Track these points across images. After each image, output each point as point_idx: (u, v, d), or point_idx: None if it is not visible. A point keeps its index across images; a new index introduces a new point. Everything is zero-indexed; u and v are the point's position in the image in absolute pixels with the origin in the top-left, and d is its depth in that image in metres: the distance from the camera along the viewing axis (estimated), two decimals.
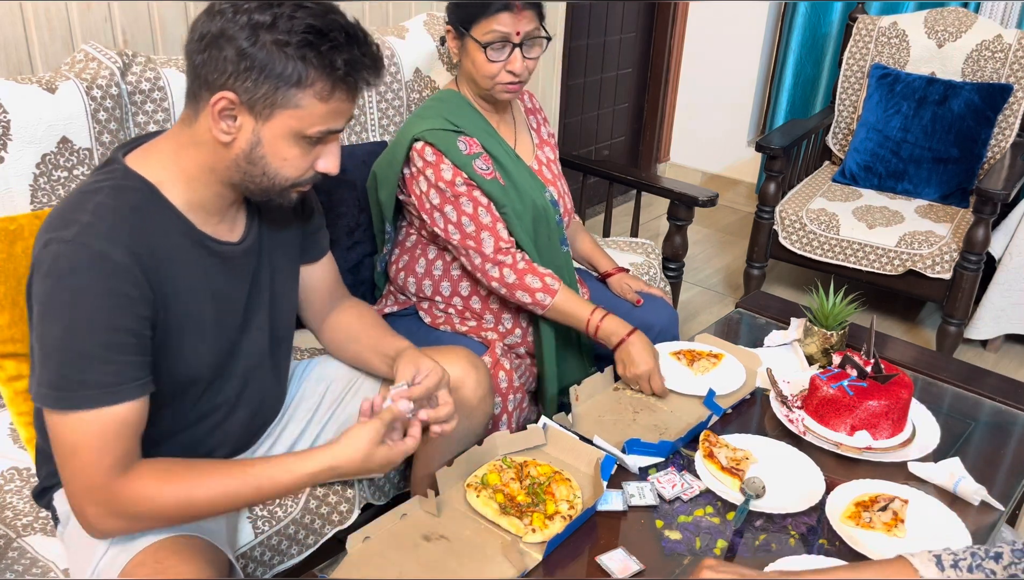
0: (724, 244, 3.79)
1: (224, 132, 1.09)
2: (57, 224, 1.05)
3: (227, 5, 1.06)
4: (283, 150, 1.11)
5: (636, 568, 1.25)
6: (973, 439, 1.62)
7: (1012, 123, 3.03)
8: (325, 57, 1.06)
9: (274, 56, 1.04)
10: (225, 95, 1.06)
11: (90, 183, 1.11)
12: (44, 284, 1.04)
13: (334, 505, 1.55)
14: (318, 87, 1.07)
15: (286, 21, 1.04)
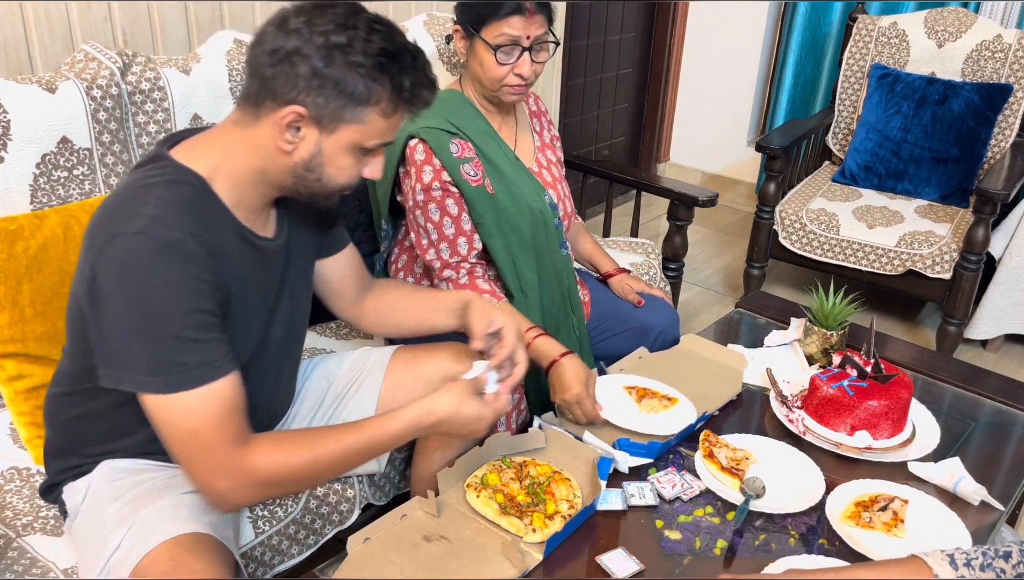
0: (724, 244, 3.79)
1: (287, 142, 1.14)
2: (118, 220, 1.07)
3: (302, 24, 1.10)
4: (340, 160, 1.17)
5: (636, 568, 1.25)
6: (973, 439, 1.62)
7: (1012, 123, 3.03)
8: (396, 79, 1.12)
9: (347, 76, 1.09)
10: (295, 109, 1.11)
11: (140, 179, 1.13)
12: (119, 277, 1.05)
13: (334, 505, 1.55)
14: (383, 105, 1.13)
15: (361, 43, 1.10)
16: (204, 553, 1.14)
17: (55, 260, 1.47)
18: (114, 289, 1.06)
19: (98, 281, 1.07)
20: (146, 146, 1.72)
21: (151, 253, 1.05)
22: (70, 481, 1.27)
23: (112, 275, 1.06)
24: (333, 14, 1.11)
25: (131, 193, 1.11)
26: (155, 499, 1.20)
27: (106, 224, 1.09)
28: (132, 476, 1.25)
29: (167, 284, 1.06)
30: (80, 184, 1.61)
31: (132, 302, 1.05)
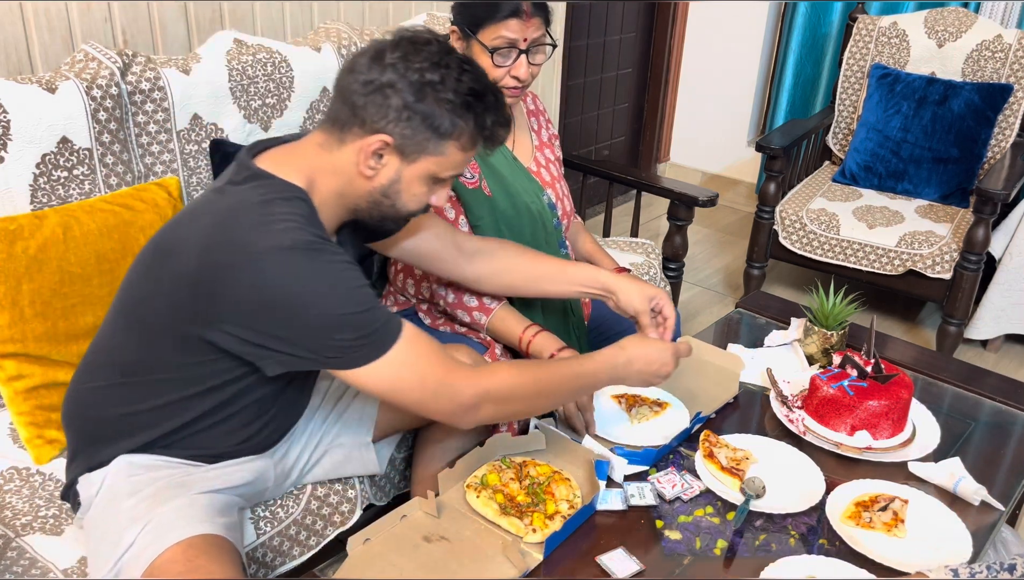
0: (724, 244, 3.79)
1: (370, 167, 1.20)
2: (256, 236, 1.11)
3: (398, 59, 1.17)
4: (415, 188, 1.24)
5: (636, 568, 1.25)
6: (973, 439, 1.62)
7: (1012, 123, 3.03)
8: (480, 117, 1.21)
9: (436, 110, 1.17)
10: (382, 137, 1.18)
11: (250, 195, 1.17)
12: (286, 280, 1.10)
13: (335, 506, 1.55)
14: (464, 140, 1.21)
15: (453, 82, 1.18)
16: (218, 555, 1.15)
17: (55, 260, 1.47)
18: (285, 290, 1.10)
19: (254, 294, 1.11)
20: (146, 146, 1.73)
21: (313, 253, 1.12)
22: (86, 472, 1.28)
23: (285, 281, 1.10)
24: (428, 52, 1.18)
25: (253, 209, 1.15)
26: (171, 498, 1.21)
27: (240, 241, 1.12)
28: (148, 472, 1.25)
29: (334, 267, 1.14)
30: (80, 184, 1.61)
31: (315, 295, 1.11)
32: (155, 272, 1.21)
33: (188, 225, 1.20)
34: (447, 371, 1.20)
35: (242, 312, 1.13)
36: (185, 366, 1.21)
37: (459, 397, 1.21)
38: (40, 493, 1.43)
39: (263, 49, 1.89)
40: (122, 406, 1.25)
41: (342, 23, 2.11)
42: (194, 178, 1.82)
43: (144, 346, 1.22)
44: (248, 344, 1.15)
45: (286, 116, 1.94)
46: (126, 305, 1.26)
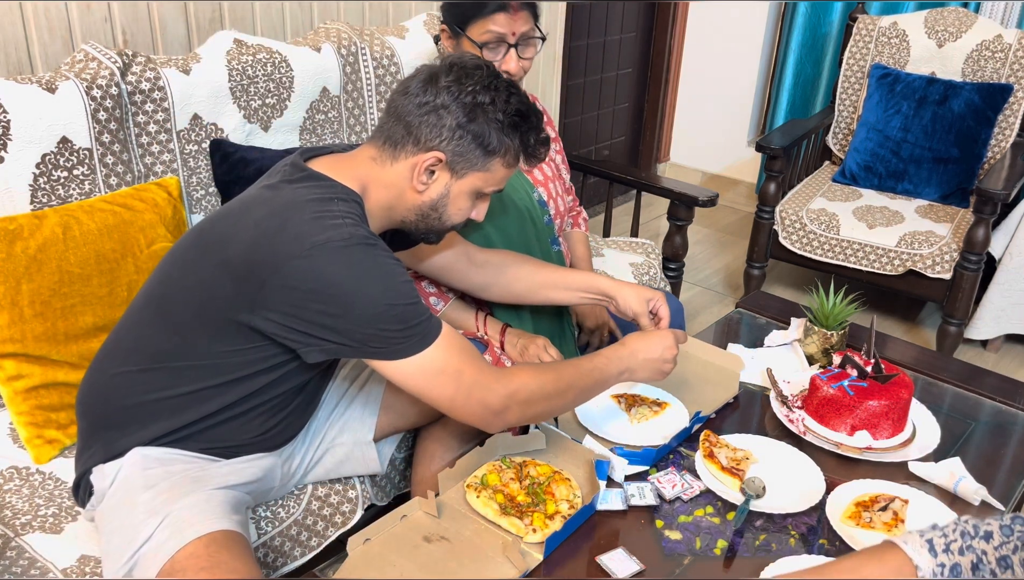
0: (724, 244, 3.79)
1: (421, 183, 1.29)
2: (316, 228, 1.17)
3: (452, 82, 1.26)
4: (461, 202, 1.33)
5: (636, 568, 1.25)
6: (973, 439, 1.62)
7: (1012, 123, 3.03)
8: (525, 136, 1.31)
9: (486, 130, 1.27)
10: (436, 154, 1.26)
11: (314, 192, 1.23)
12: (342, 273, 1.16)
13: (336, 506, 1.55)
14: (509, 157, 1.31)
15: (502, 103, 1.27)
16: (239, 551, 1.16)
17: (54, 260, 1.47)
18: (339, 285, 1.15)
19: (304, 285, 1.15)
20: (146, 146, 1.73)
21: (367, 248, 1.18)
22: (100, 463, 1.28)
23: (337, 275, 1.15)
24: (479, 76, 1.27)
25: (311, 205, 1.20)
26: (188, 492, 1.22)
27: (297, 232, 1.16)
28: (163, 466, 1.25)
29: (385, 262, 1.20)
30: (80, 184, 1.61)
31: (369, 289, 1.16)
32: (196, 260, 1.25)
33: (238, 216, 1.23)
34: (480, 372, 1.25)
35: (293, 299, 1.16)
36: (219, 354, 1.24)
37: (489, 399, 1.25)
38: (40, 492, 1.43)
39: (263, 49, 1.89)
40: (148, 392, 1.27)
41: (342, 23, 2.11)
42: (194, 178, 1.82)
43: (177, 334, 1.25)
44: (294, 330, 1.19)
45: (286, 116, 1.94)
46: (158, 294, 1.29)
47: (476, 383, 1.24)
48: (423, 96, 1.26)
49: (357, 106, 2.10)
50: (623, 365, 1.43)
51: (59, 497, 1.42)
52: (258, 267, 1.17)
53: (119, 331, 1.34)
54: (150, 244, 1.60)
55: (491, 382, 1.25)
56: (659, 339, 1.47)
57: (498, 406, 1.26)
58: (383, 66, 2.12)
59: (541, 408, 1.33)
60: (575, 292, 1.64)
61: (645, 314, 1.58)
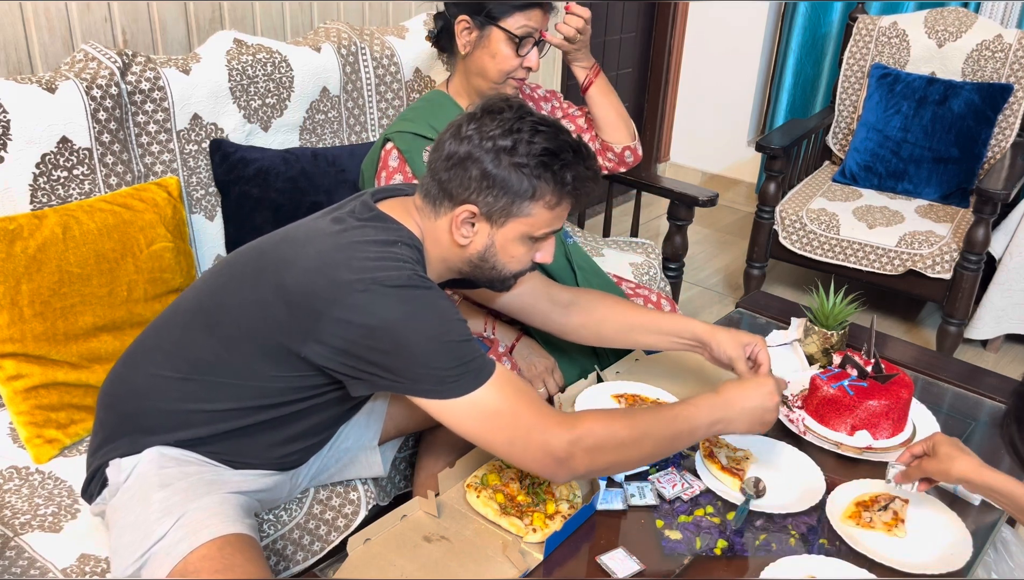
0: (724, 244, 3.79)
1: (463, 237, 1.26)
2: (374, 267, 1.16)
3: (473, 131, 1.23)
4: (512, 250, 1.28)
5: (636, 568, 1.25)
6: (973, 439, 1.62)
7: (1012, 123, 3.03)
8: (557, 175, 1.23)
9: (513, 175, 1.22)
10: (468, 208, 1.23)
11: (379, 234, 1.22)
12: (404, 309, 1.15)
13: (338, 508, 1.55)
14: (548, 199, 1.24)
15: (525, 145, 1.21)
16: (254, 555, 1.17)
17: (54, 260, 1.47)
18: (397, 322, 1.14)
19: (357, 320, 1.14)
20: (146, 146, 1.73)
21: (418, 284, 1.18)
22: (117, 458, 1.27)
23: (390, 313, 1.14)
24: (501, 120, 1.22)
25: (377, 247, 1.20)
26: (204, 494, 1.22)
27: (360, 268, 1.16)
28: (180, 467, 1.25)
29: (440, 300, 1.19)
30: (80, 184, 1.61)
31: (423, 324, 1.15)
32: (253, 279, 1.24)
33: (302, 244, 1.22)
34: (540, 415, 1.18)
35: (347, 333, 1.15)
36: (263, 376, 1.23)
37: (551, 445, 1.17)
38: (39, 492, 1.43)
39: (263, 49, 1.89)
40: (184, 401, 1.26)
41: (342, 23, 2.11)
42: (194, 178, 1.82)
43: (224, 349, 1.24)
44: (344, 364, 1.18)
45: (286, 116, 1.94)
46: (209, 304, 1.27)
47: (536, 426, 1.17)
48: (449, 148, 1.24)
49: (357, 106, 2.10)
50: (716, 415, 1.30)
51: (59, 496, 1.42)
52: (315, 298, 1.16)
53: (160, 330, 1.32)
54: (150, 244, 1.60)
55: (553, 426, 1.18)
56: (757, 386, 1.34)
57: (562, 452, 1.17)
58: (383, 66, 2.12)
59: (612, 458, 1.22)
60: (666, 336, 1.55)
61: (742, 359, 1.47)
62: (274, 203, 1.86)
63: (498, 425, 1.18)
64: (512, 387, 1.19)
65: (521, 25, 1.67)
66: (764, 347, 1.48)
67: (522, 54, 1.70)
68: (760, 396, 1.33)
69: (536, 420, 1.17)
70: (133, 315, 1.59)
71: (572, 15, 1.82)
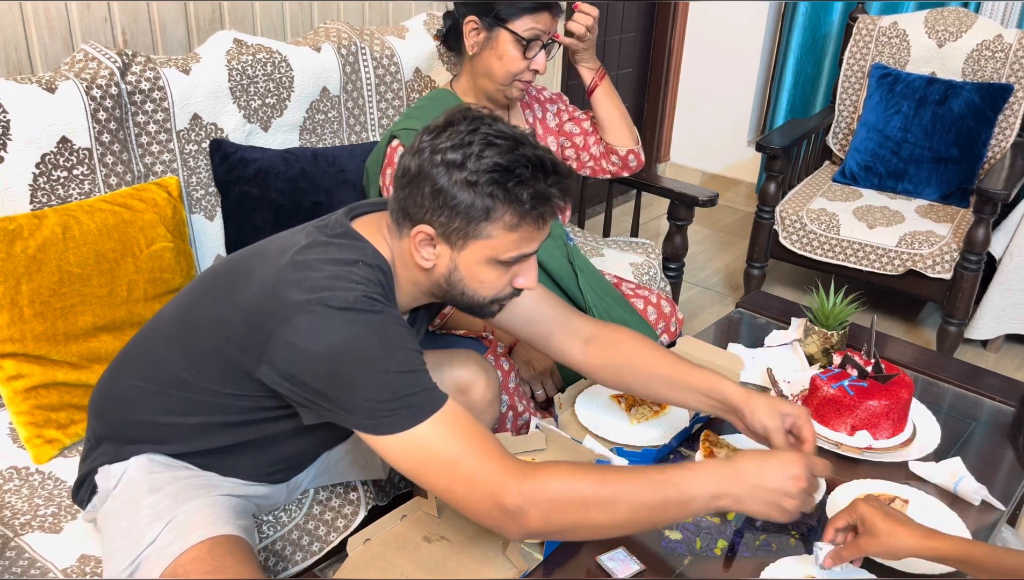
0: (724, 244, 3.79)
1: (425, 259, 1.16)
2: (324, 286, 1.09)
3: (426, 144, 1.12)
4: (479, 274, 1.17)
5: (636, 568, 1.25)
6: (973, 439, 1.62)
7: (1012, 123, 3.03)
8: (511, 193, 1.10)
9: (464, 193, 1.10)
10: (422, 229, 1.13)
11: (341, 253, 1.16)
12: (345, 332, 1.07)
13: (338, 509, 1.55)
14: (506, 219, 1.12)
15: (475, 161, 1.10)
16: (243, 556, 1.16)
17: (54, 260, 1.47)
18: (344, 344, 1.07)
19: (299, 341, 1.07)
20: (146, 146, 1.72)
21: (372, 308, 1.10)
22: (106, 464, 1.27)
23: (331, 336, 1.07)
24: (453, 132, 1.12)
25: (334, 267, 1.13)
26: (193, 497, 1.21)
27: (311, 289, 1.09)
28: (169, 471, 1.25)
29: (394, 328, 1.11)
30: (80, 184, 1.61)
31: (371, 349, 1.07)
32: (223, 295, 1.19)
33: (268, 262, 1.17)
34: (490, 460, 1.06)
35: (291, 356, 1.09)
36: (229, 395, 1.19)
37: (498, 495, 1.05)
38: (39, 492, 1.43)
39: (263, 49, 1.89)
40: (162, 414, 1.25)
41: (342, 23, 2.11)
42: (194, 178, 1.82)
43: (197, 367, 1.20)
44: (291, 390, 1.12)
45: (286, 116, 1.94)
46: (187, 318, 1.24)
47: (482, 473, 1.05)
48: (405, 164, 1.14)
49: (357, 106, 2.10)
50: (720, 487, 1.11)
51: (59, 497, 1.42)
52: (267, 317, 1.10)
53: (145, 339, 1.30)
54: (150, 244, 1.60)
55: (504, 475, 1.05)
56: (783, 464, 1.13)
57: (512, 505, 1.05)
58: (383, 66, 2.12)
59: (574, 518, 1.07)
60: (693, 394, 1.37)
61: (779, 431, 1.28)
62: (274, 203, 1.86)
63: (437, 468, 1.07)
64: (458, 427, 1.08)
65: (529, 27, 1.67)
66: (808, 421, 1.29)
67: (529, 56, 1.70)
68: (783, 477, 1.12)
69: (484, 466, 1.06)
70: (133, 315, 1.59)
71: (582, 13, 1.82)
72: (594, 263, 2.24)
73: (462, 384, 1.50)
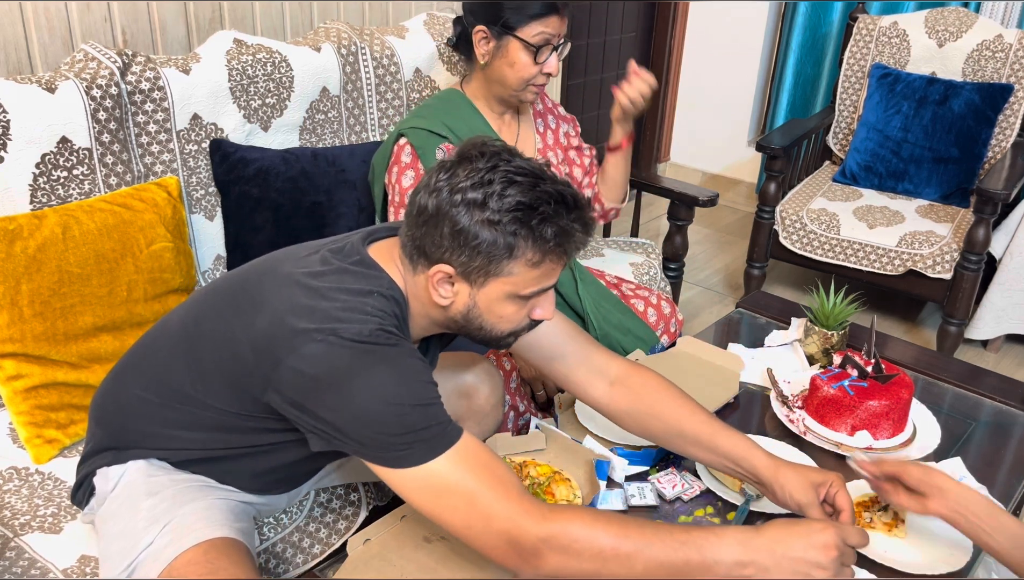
0: (724, 244, 3.79)
1: (442, 297, 1.14)
2: (336, 317, 1.08)
3: (444, 183, 1.09)
4: (499, 310, 1.15)
5: None
6: (973, 439, 1.62)
7: (1012, 123, 3.03)
8: (535, 231, 1.08)
9: (485, 232, 1.08)
10: (442, 268, 1.11)
11: (357, 282, 1.14)
12: (356, 365, 1.05)
13: (339, 510, 1.55)
14: (529, 256, 1.10)
15: (496, 200, 1.07)
16: (238, 558, 1.16)
17: (54, 260, 1.47)
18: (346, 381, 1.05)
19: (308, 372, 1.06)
20: (146, 146, 1.72)
21: (388, 338, 1.08)
22: (104, 467, 1.27)
23: (341, 370, 1.05)
24: (472, 169, 1.09)
25: (347, 297, 1.11)
26: (190, 500, 1.21)
27: (322, 318, 1.08)
28: (168, 474, 1.25)
29: (408, 358, 1.09)
30: (80, 184, 1.61)
31: (383, 380, 1.06)
32: (231, 313, 1.17)
33: (279, 284, 1.15)
34: (508, 498, 1.04)
35: (300, 384, 1.07)
36: (235, 415, 1.18)
37: (514, 535, 1.03)
38: (39, 493, 1.43)
39: (263, 49, 1.89)
40: (165, 427, 1.24)
41: (342, 23, 2.11)
42: (194, 178, 1.82)
43: (201, 381, 1.19)
44: (298, 417, 1.10)
45: (286, 116, 1.94)
46: (192, 332, 1.22)
47: (499, 512, 1.03)
48: (421, 202, 1.12)
49: (357, 106, 2.10)
50: (745, 555, 1.04)
51: (59, 497, 1.42)
52: (276, 344, 1.09)
53: (148, 347, 1.28)
54: (150, 244, 1.60)
55: (521, 516, 1.03)
56: (813, 533, 1.06)
57: (528, 547, 1.02)
58: (383, 66, 2.12)
59: (590, 567, 1.03)
60: (721, 459, 1.30)
61: (814, 505, 1.21)
62: (274, 203, 1.86)
63: (452, 504, 1.05)
64: (476, 462, 1.06)
65: (538, 33, 1.67)
66: (843, 487, 1.22)
67: (540, 61, 1.70)
68: (810, 546, 1.05)
69: (501, 504, 1.03)
70: (133, 315, 1.59)
71: (640, 80, 1.81)
72: (594, 263, 2.24)
73: (466, 389, 1.50)
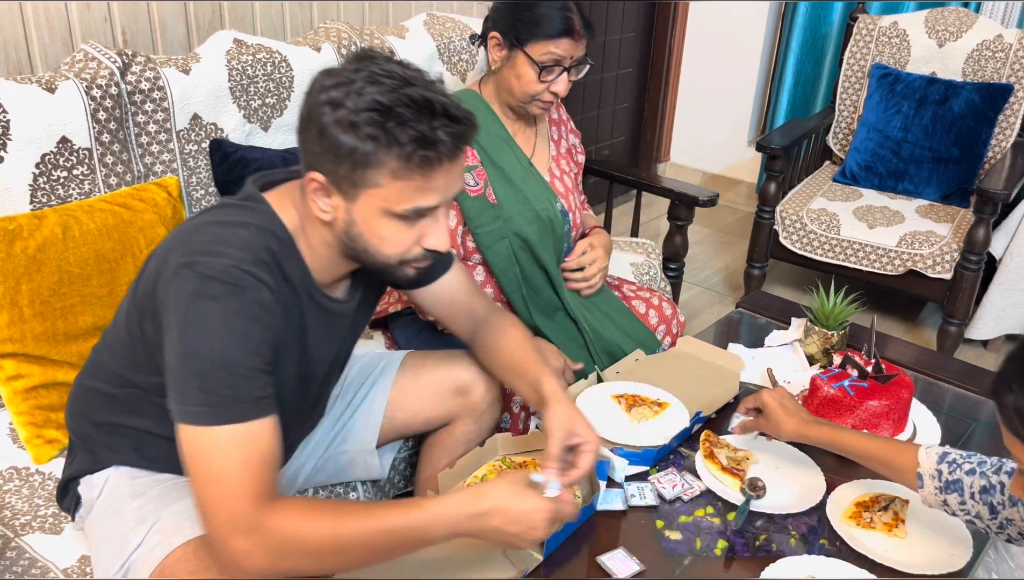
0: (724, 244, 3.79)
1: (322, 210, 1.08)
2: (200, 250, 1.04)
3: (316, 83, 1.05)
4: (377, 228, 1.08)
5: (636, 568, 1.25)
6: (974, 439, 1.62)
7: (1013, 123, 3.03)
8: (390, 134, 1.00)
9: (346, 137, 1.01)
10: (314, 175, 1.05)
11: (232, 215, 1.10)
12: (193, 304, 1.02)
13: None
14: (392, 165, 1.02)
15: (354, 99, 1.00)
16: None
17: (54, 260, 1.47)
18: (185, 314, 1.02)
19: (167, 305, 1.04)
20: (146, 146, 1.72)
21: (231, 286, 1.03)
22: (88, 474, 1.27)
23: (186, 300, 1.02)
24: (341, 69, 1.04)
25: (218, 229, 1.07)
26: (176, 499, 1.20)
27: (186, 252, 1.05)
28: (150, 475, 1.25)
29: (240, 317, 1.03)
30: (80, 184, 1.61)
31: (203, 329, 1.02)
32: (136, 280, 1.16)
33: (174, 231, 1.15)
34: (245, 488, 1.00)
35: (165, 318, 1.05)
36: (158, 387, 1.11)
37: (232, 523, 0.99)
38: (39, 493, 1.43)
39: (263, 49, 1.89)
40: (112, 415, 1.24)
41: (342, 23, 2.11)
42: (194, 178, 1.82)
43: (126, 361, 1.19)
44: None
45: (286, 116, 1.94)
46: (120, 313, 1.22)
47: (231, 495, 0.99)
48: (303, 106, 1.06)
49: None
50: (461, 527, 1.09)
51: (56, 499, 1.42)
52: (155, 280, 1.07)
53: (101, 340, 1.29)
54: (150, 244, 1.60)
55: (248, 506, 0.99)
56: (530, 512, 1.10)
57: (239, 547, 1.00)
58: None
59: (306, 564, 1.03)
60: (526, 385, 1.34)
61: (558, 443, 1.21)
62: None
63: (201, 474, 1.01)
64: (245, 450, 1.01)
65: (546, 52, 1.67)
66: (592, 452, 1.22)
67: (545, 80, 1.69)
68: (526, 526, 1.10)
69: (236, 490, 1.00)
70: None
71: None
72: None
73: (463, 385, 1.50)
